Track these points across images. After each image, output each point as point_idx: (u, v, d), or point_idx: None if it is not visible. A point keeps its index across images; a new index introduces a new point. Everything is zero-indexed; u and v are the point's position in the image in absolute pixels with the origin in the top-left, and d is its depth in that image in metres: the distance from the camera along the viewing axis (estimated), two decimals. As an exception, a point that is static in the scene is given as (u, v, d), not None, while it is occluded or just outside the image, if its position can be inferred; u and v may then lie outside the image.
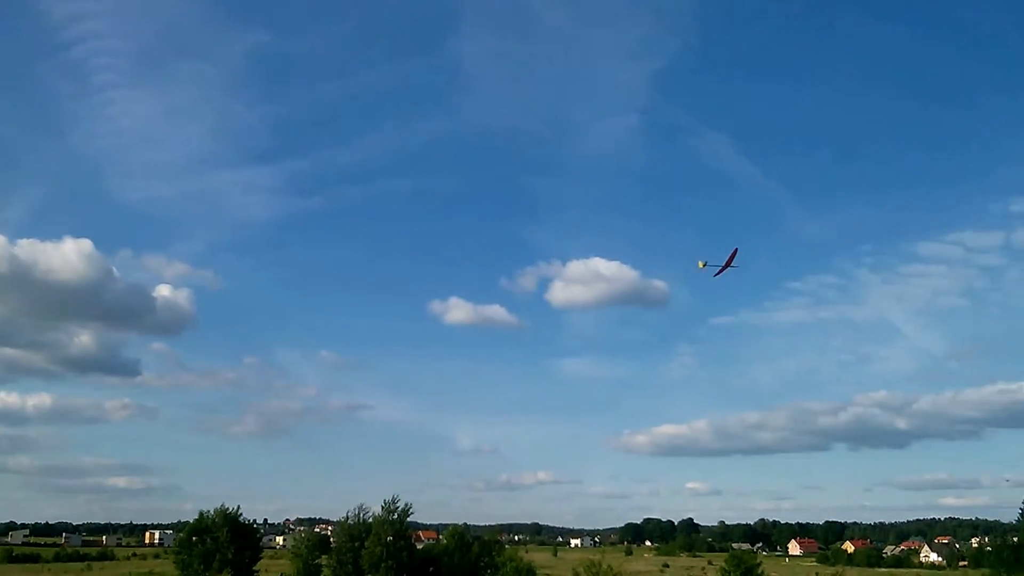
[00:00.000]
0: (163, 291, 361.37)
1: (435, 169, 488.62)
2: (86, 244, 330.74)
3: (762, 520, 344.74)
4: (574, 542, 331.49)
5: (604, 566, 44.69)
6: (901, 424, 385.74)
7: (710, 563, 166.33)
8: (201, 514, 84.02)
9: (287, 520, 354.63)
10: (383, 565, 69.16)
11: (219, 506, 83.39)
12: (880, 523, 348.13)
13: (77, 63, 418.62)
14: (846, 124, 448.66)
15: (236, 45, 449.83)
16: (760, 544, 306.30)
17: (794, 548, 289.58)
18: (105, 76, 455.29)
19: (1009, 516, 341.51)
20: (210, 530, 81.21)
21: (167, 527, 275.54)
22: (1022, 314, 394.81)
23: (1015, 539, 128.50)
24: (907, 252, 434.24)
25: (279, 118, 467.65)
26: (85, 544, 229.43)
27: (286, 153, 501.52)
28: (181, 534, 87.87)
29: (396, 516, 72.97)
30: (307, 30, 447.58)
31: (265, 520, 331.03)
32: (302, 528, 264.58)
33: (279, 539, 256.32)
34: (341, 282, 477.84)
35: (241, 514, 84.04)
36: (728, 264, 71.58)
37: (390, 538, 70.89)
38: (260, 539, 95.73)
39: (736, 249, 70.09)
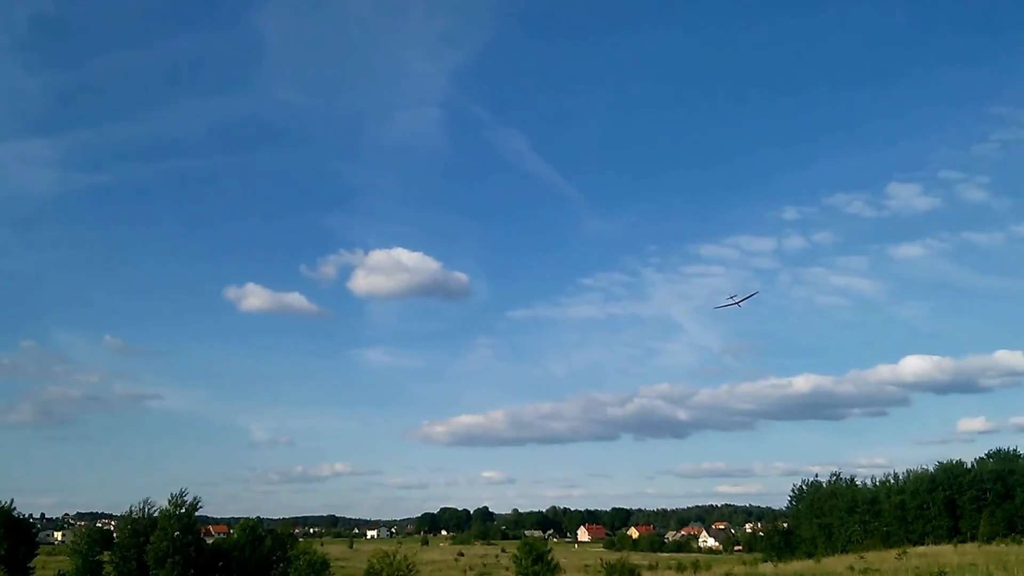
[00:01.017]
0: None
1: (230, 149, 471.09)
2: None
3: (553, 507, 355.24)
4: (371, 533, 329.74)
5: (399, 557, 44.50)
6: (682, 415, 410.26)
7: (503, 551, 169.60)
8: (-30, 508, 78.02)
9: (66, 514, 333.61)
10: (169, 561, 66.09)
11: (-10, 499, 77.69)
12: (662, 510, 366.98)
13: None
14: (633, 130, 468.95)
15: (19, 8, 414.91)
16: (551, 531, 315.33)
17: (583, 534, 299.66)
18: None
19: (779, 503, 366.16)
20: (-20, 525, 75.39)
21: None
22: (791, 314, 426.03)
23: (785, 525, 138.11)
24: (689, 253, 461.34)
25: (65, 87, 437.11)
26: None
27: (72, 125, 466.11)
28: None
29: (184, 510, 69.96)
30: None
31: (42, 515, 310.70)
32: (83, 523, 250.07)
33: (58, 534, 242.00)
34: (128, 264, 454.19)
35: (15, 508, 78.63)
36: (739, 302, 77.60)
37: (177, 533, 67.83)
38: (36, 534, 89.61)
39: (757, 292, 77.67)
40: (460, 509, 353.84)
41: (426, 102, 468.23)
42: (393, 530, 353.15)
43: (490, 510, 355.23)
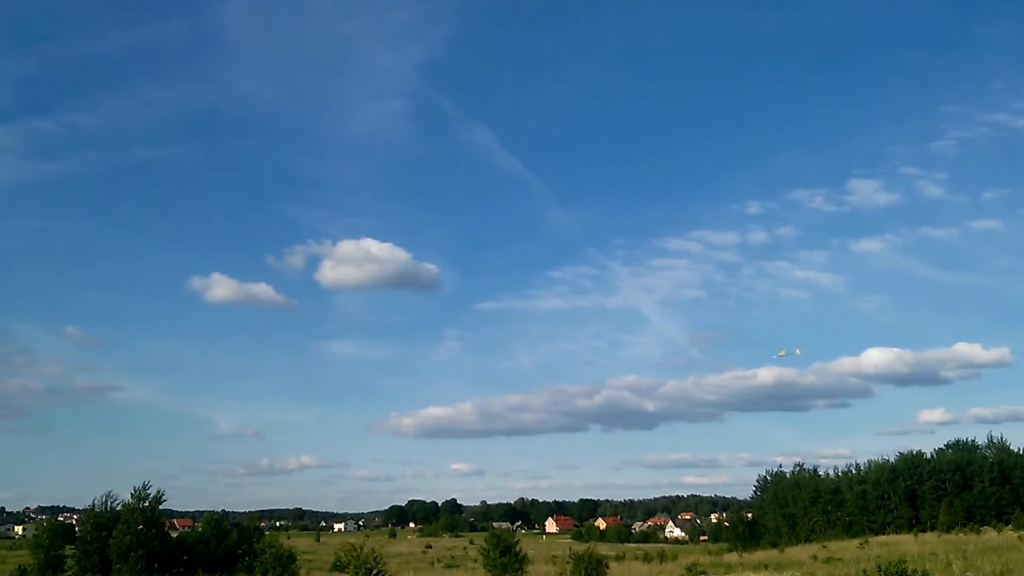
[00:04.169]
0: None
1: (193, 139, 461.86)
2: None
3: (521, 499, 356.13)
4: (338, 526, 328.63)
5: (366, 550, 44.39)
6: (649, 407, 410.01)
7: (471, 543, 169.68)
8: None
9: (27, 508, 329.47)
10: (132, 555, 65.33)
11: (-53, 495, 76.78)
12: (629, 500, 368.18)
13: None
14: (597, 124, 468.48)
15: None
16: (519, 522, 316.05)
17: (551, 526, 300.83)
18: None
19: (744, 493, 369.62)
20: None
21: None
22: (754, 307, 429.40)
23: (749, 515, 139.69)
24: (654, 247, 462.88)
25: (23, 75, 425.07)
26: None
27: (30, 112, 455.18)
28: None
29: (148, 503, 69.23)
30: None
31: (3, 508, 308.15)
32: (44, 517, 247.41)
33: (18, 528, 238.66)
34: (91, 254, 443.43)
35: (-26, 503, 77.79)
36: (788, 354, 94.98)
37: (141, 527, 67.08)
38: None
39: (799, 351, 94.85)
40: (428, 501, 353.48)
41: (392, 94, 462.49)
42: (360, 523, 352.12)
43: (458, 502, 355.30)
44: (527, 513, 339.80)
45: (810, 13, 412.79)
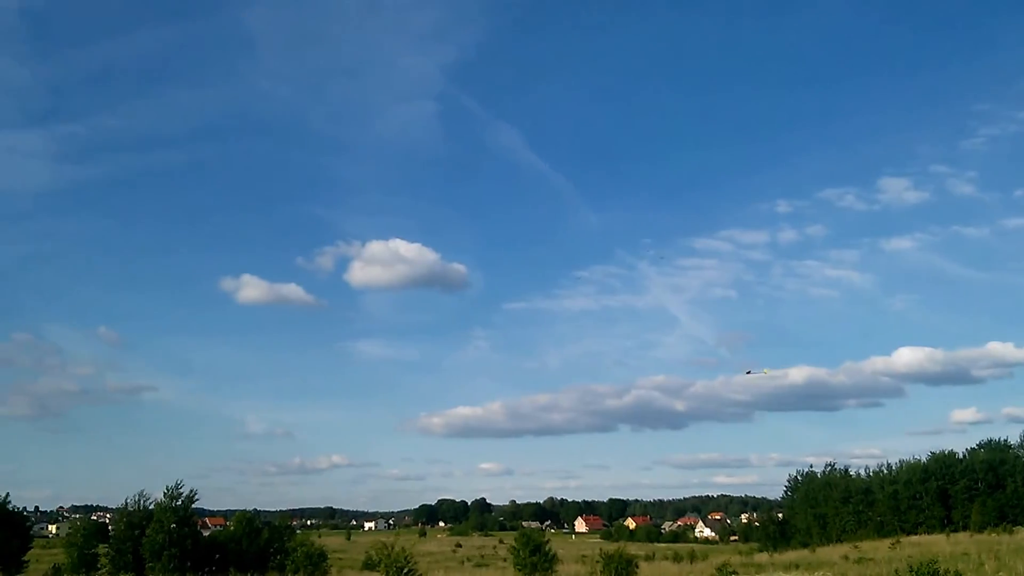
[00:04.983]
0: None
1: (221, 141, 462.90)
2: None
3: (551, 498, 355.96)
4: (368, 525, 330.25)
5: (396, 548, 44.71)
6: (679, 406, 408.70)
7: (501, 542, 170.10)
8: (-36, 502, 77.73)
9: (61, 507, 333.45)
10: (165, 554, 66.11)
11: (-16, 493, 77.44)
12: (659, 500, 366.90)
13: None
14: (624, 124, 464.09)
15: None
16: (549, 522, 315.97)
17: (580, 525, 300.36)
18: None
19: (775, 493, 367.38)
20: (-27, 519, 75.14)
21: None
22: (784, 306, 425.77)
23: (780, 515, 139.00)
24: (683, 246, 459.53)
25: (55, 80, 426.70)
26: None
27: (63, 117, 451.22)
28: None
29: (180, 502, 70.06)
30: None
31: (37, 508, 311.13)
32: (77, 516, 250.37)
33: (52, 527, 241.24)
34: (123, 256, 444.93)
35: (9, 501, 78.26)
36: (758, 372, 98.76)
37: (173, 525, 67.87)
38: (31, 527, 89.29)
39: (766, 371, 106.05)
40: (458, 501, 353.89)
41: (419, 96, 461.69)
42: (391, 522, 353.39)
43: (488, 501, 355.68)
44: (556, 513, 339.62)
45: (839, 12, 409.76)
